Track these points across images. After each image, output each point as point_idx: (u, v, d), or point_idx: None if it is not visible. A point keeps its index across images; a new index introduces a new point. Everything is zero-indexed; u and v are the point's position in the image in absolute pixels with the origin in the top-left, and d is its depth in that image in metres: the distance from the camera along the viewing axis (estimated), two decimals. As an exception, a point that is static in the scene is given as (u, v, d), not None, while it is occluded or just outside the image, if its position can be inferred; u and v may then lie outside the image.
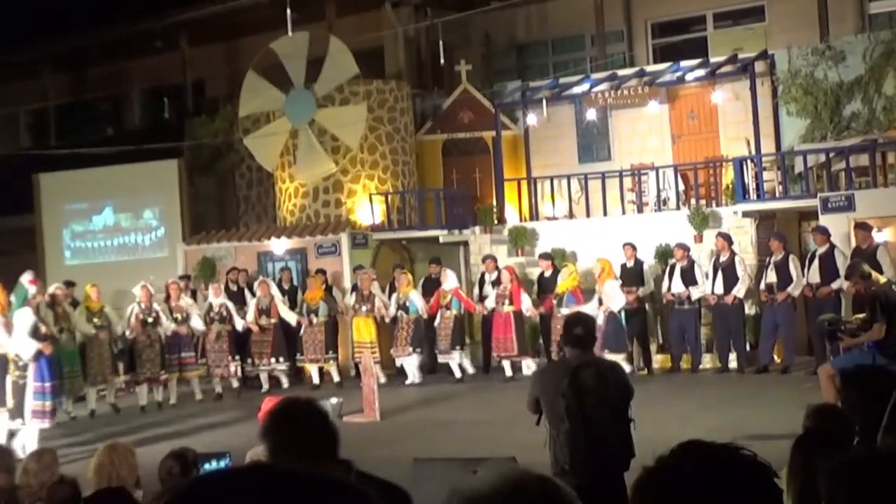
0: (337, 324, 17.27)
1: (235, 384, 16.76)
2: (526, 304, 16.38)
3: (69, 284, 16.54)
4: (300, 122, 19.65)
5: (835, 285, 14.63)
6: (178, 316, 16.14)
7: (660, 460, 1.79)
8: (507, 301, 16.40)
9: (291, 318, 16.79)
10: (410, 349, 16.70)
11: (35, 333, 11.74)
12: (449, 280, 16.87)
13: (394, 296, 16.95)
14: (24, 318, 11.54)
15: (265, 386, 16.80)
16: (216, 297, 16.79)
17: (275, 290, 16.99)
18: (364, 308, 16.92)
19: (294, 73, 19.67)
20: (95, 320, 15.59)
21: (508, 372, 16.28)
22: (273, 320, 16.73)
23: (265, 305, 16.73)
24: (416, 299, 16.73)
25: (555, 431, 6.08)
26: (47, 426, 11.84)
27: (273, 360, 16.71)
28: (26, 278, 11.94)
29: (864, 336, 10.18)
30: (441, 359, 16.97)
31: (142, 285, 15.75)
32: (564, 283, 15.93)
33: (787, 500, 3.98)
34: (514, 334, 16.29)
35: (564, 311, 15.56)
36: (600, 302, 15.45)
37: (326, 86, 19.53)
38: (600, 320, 15.11)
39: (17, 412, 11.50)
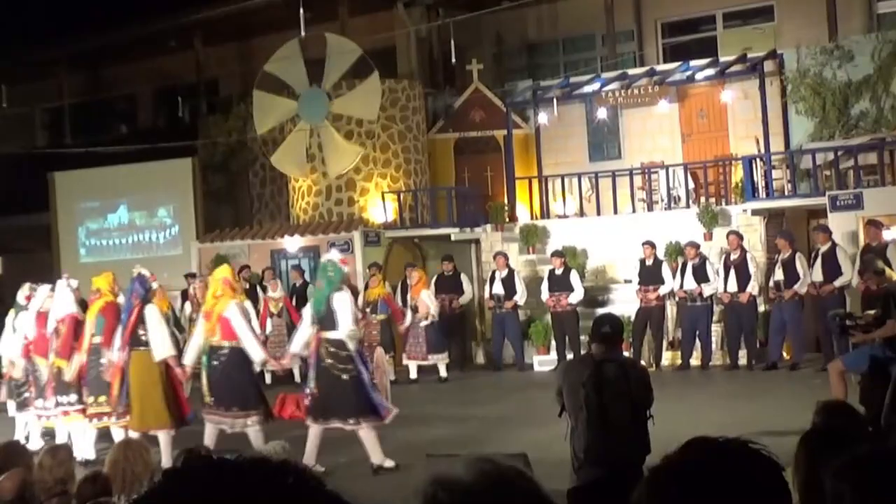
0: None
1: None
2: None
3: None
4: (317, 120, 19.79)
5: (837, 283, 14.72)
6: None
7: (667, 458, 1.78)
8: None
9: None
10: None
11: (356, 319, 10.34)
12: (278, 289, 17.29)
13: None
14: (347, 300, 9.96)
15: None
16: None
17: None
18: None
19: (294, 78, 19.84)
20: None
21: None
22: None
23: None
24: (249, 307, 16.87)
25: (574, 422, 6.24)
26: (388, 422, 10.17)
27: None
28: (336, 256, 10.25)
29: (876, 332, 10.21)
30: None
31: None
32: (374, 290, 16.83)
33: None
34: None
35: (379, 316, 16.63)
36: (414, 310, 16.37)
37: (332, 77, 19.69)
38: (421, 325, 16.25)
39: (350, 412, 9.82)
